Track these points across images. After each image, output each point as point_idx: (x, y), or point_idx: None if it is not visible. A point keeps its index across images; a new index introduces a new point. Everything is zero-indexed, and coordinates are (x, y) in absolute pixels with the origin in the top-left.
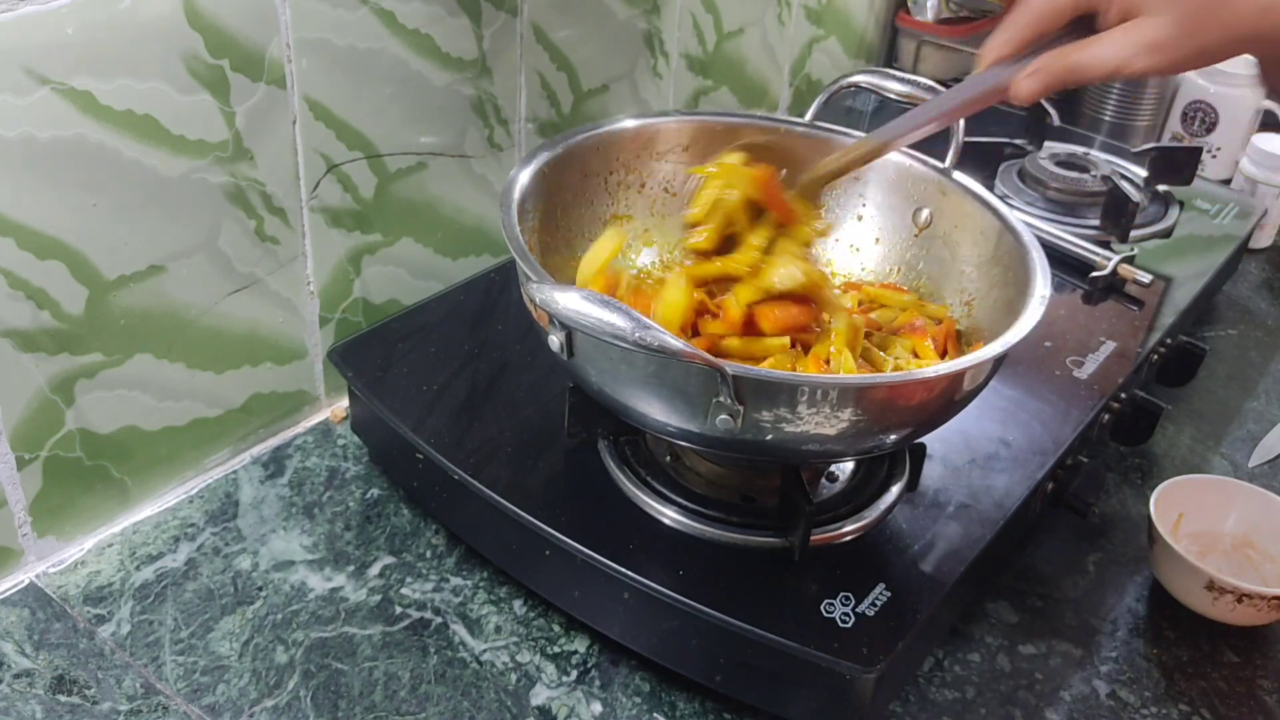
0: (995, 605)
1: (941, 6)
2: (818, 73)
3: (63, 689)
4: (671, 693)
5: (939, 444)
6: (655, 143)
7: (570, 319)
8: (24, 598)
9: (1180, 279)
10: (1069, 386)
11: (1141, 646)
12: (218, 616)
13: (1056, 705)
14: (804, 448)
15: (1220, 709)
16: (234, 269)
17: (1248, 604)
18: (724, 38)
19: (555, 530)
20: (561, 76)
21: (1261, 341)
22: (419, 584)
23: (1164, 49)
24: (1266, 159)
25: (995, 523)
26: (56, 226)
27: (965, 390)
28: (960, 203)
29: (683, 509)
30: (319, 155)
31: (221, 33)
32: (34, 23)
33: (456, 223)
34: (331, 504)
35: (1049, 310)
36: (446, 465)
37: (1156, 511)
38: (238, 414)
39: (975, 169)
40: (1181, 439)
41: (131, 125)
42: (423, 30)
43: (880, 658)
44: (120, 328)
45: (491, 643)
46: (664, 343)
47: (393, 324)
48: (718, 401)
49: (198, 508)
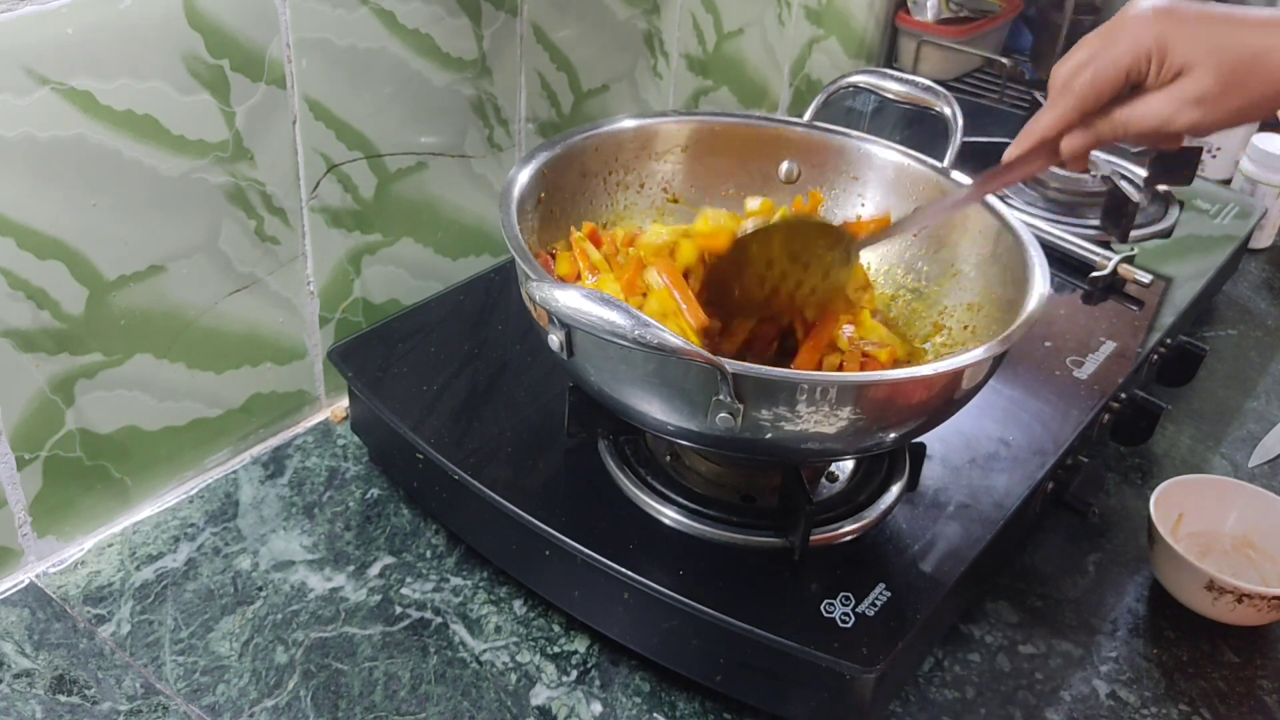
0: (995, 605)
1: (941, 6)
2: (818, 73)
3: (63, 689)
4: (671, 693)
5: (939, 444)
6: (655, 143)
7: (569, 317)
8: (24, 598)
9: (1180, 279)
10: (1069, 386)
11: (1141, 646)
12: (218, 616)
13: (1056, 705)
14: (804, 446)
15: (1220, 709)
16: (234, 269)
17: (1248, 604)
18: (724, 38)
19: (555, 530)
20: (561, 76)
21: (1261, 341)
22: (419, 584)
23: (1208, 104)
24: (1266, 159)
25: (995, 523)
26: (56, 226)
27: (964, 389)
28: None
29: (683, 509)
30: (319, 155)
31: (221, 33)
32: (34, 23)
33: (456, 223)
34: (331, 504)
35: (1049, 310)
36: (446, 465)
37: (1156, 511)
38: (238, 414)
39: (975, 169)
40: (1181, 439)
41: (132, 125)
42: (423, 30)
43: (880, 658)
44: (120, 328)
45: (491, 643)
46: (663, 340)
47: (393, 324)
48: (718, 400)
49: (198, 508)
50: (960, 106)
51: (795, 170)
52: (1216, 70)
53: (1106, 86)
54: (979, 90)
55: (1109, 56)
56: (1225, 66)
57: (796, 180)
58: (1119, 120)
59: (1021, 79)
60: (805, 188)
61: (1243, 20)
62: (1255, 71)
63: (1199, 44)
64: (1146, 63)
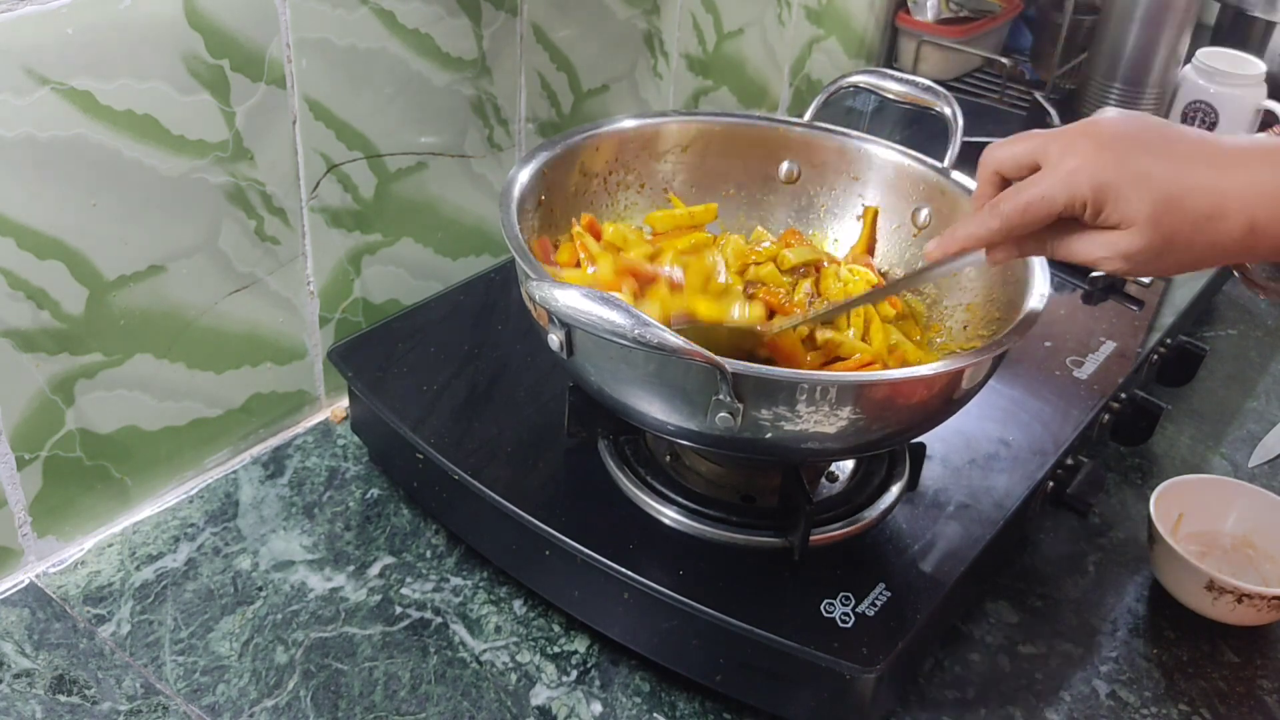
0: (995, 605)
1: (941, 6)
2: (818, 73)
3: (63, 689)
4: (671, 693)
5: (939, 444)
6: (655, 143)
7: (569, 316)
8: (24, 598)
9: (1180, 279)
10: (1069, 386)
11: (1141, 646)
12: (218, 616)
13: (1056, 705)
14: (804, 446)
15: (1220, 709)
16: (234, 269)
17: (1248, 604)
18: (724, 38)
19: (555, 530)
20: (561, 76)
21: (1261, 341)
22: (419, 584)
23: (1137, 262)
24: None
25: (995, 523)
26: (56, 226)
27: (964, 388)
28: (960, 202)
29: (683, 509)
30: (319, 155)
31: (221, 33)
32: (34, 23)
33: (456, 223)
34: (331, 504)
35: (1049, 310)
36: (446, 465)
37: (1156, 511)
38: (238, 414)
39: (975, 168)
40: (1181, 439)
41: (132, 125)
42: (423, 30)
43: (880, 658)
44: (120, 328)
45: (491, 643)
46: (663, 340)
47: (393, 324)
48: (717, 399)
49: (198, 508)
50: (960, 106)
51: (795, 170)
52: (1155, 232)
53: (1036, 222)
54: (979, 90)
55: (1047, 191)
56: (1166, 228)
57: (797, 180)
58: (1047, 246)
59: (1021, 79)
60: (805, 188)
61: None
62: (1197, 239)
63: (1143, 200)
64: (1083, 208)
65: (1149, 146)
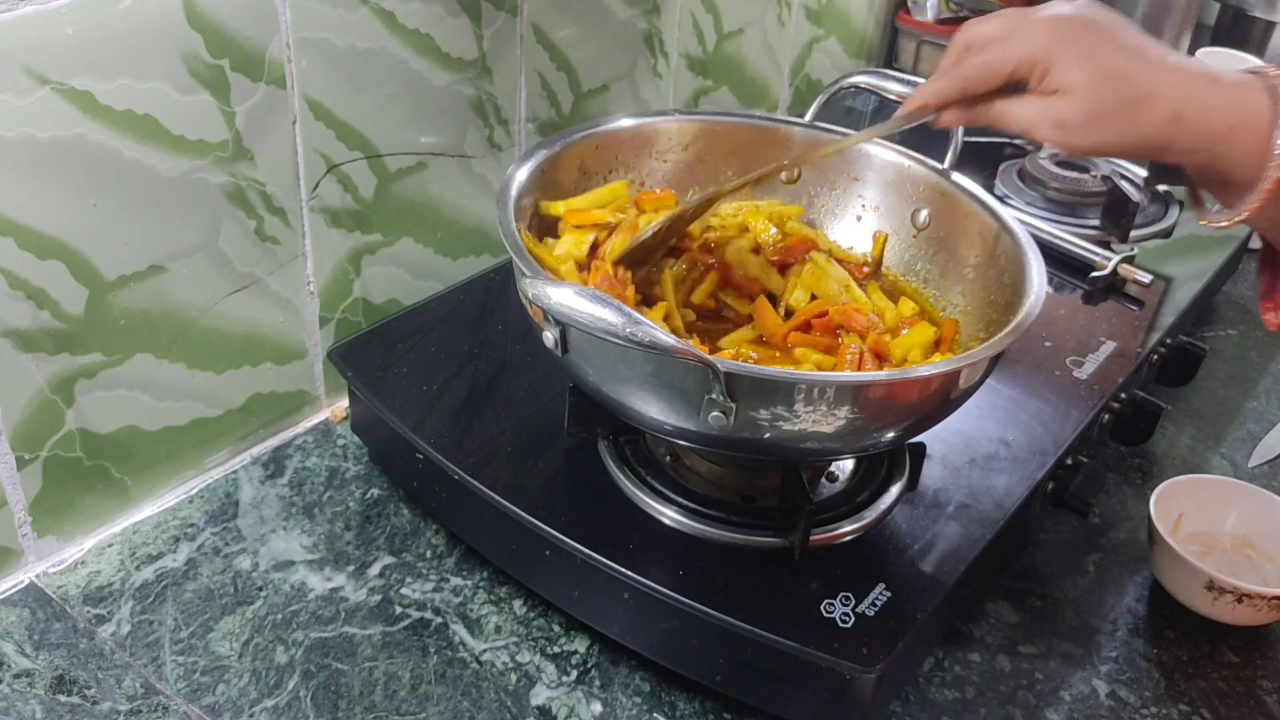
0: (995, 605)
1: (941, 6)
2: (818, 73)
3: (63, 689)
4: (671, 693)
5: (939, 444)
6: (655, 142)
7: (562, 314)
8: (24, 598)
9: (1180, 279)
10: (1069, 386)
11: (1141, 646)
12: (218, 616)
13: (1056, 705)
14: (802, 445)
15: (1220, 709)
16: (234, 269)
17: (1248, 604)
18: (724, 38)
19: (555, 530)
20: (561, 76)
21: (1261, 341)
22: (419, 584)
23: (1069, 130)
24: None
25: (995, 523)
26: (56, 226)
27: (962, 388)
28: (959, 204)
29: (683, 509)
30: (319, 155)
31: (221, 33)
32: (34, 23)
33: (456, 223)
34: (331, 504)
35: (1049, 310)
36: (446, 465)
37: (1156, 511)
38: (238, 414)
39: (975, 169)
40: (1181, 439)
41: (132, 125)
42: (423, 30)
43: (880, 658)
44: (120, 328)
45: (491, 643)
46: (655, 338)
47: (393, 324)
48: (710, 398)
49: (198, 508)
50: None
51: (796, 170)
52: (1087, 101)
53: (991, 79)
54: None
55: (1004, 51)
56: (1099, 99)
57: (797, 180)
58: (994, 112)
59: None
60: (806, 188)
61: (1143, 55)
62: (1129, 116)
63: (1085, 70)
64: (1030, 69)
65: (1103, 32)
